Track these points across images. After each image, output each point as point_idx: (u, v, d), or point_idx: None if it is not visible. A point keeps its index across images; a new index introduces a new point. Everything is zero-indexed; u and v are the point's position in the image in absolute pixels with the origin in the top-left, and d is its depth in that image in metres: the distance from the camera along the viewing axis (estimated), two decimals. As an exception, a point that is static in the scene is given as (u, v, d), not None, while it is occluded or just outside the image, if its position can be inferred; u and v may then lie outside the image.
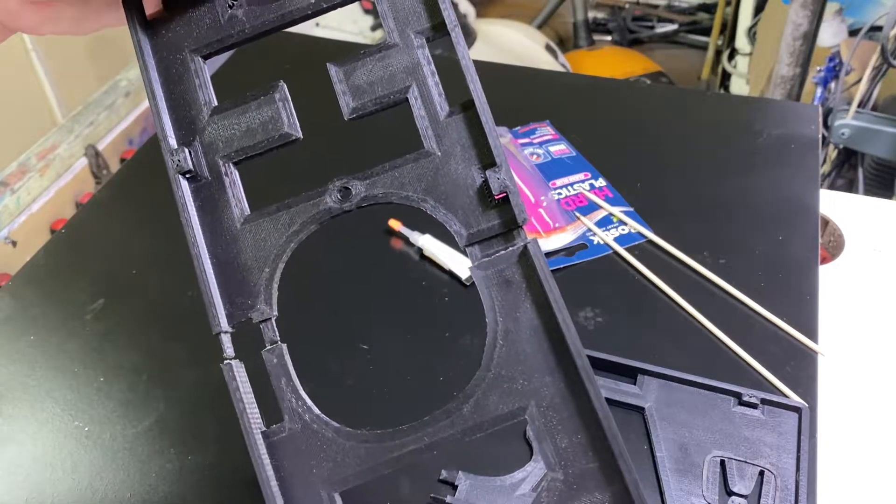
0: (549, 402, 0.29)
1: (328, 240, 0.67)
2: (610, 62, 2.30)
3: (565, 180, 0.72)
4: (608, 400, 0.52)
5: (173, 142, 0.32)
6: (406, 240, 0.66)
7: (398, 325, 0.59)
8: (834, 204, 0.79)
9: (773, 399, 0.51)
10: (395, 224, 0.66)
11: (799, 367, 0.55)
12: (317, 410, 0.30)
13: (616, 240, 0.66)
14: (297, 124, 0.32)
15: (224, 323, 0.31)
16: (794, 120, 0.80)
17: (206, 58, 0.33)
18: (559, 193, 0.71)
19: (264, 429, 0.30)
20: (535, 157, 0.75)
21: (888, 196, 1.31)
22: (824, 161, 1.40)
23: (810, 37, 1.41)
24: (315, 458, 0.30)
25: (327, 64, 0.33)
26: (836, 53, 1.43)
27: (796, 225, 0.67)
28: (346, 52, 0.33)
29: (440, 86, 0.32)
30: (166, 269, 0.65)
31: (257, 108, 0.32)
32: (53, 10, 0.33)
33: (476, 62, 0.97)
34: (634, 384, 0.53)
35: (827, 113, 1.32)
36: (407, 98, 0.32)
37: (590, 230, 0.67)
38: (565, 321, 0.29)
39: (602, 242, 0.66)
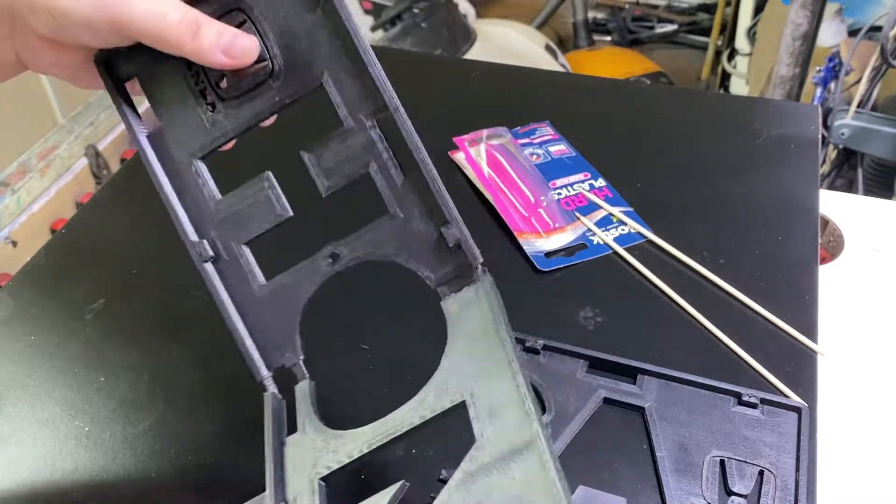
0: (486, 392, 0.35)
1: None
2: (610, 62, 2.30)
3: (565, 180, 0.73)
4: (608, 400, 0.53)
5: (194, 237, 0.39)
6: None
7: (398, 325, 0.59)
8: (834, 204, 0.79)
9: (772, 399, 0.51)
10: (395, 224, 0.66)
11: (798, 366, 0.55)
12: (316, 419, 0.38)
13: (616, 240, 0.66)
14: (287, 205, 0.39)
15: (264, 371, 0.40)
16: (794, 120, 0.80)
17: (203, 159, 0.39)
18: (559, 193, 0.71)
19: (283, 440, 0.38)
20: (534, 157, 0.75)
21: (888, 196, 1.31)
22: (824, 161, 1.40)
23: (810, 37, 1.41)
24: (310, 456, 0.37)
25: (300, 152, 0.39)
26: (835, 53, 1.43)
27: (796, 225, 0.67)
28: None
29: (394, 158, 0.37)
30: (167, 269, 0.65)
31: (254, 197, 0.39)
32: (64, 55, 0.38)
33: (476, 62, 0.96)
34: (634, 384, 0.53)
35: (826, 113, 1.32)
36: (368, 172, 0.38)
37: (589, 230, 0.67)
38: (505, 331, 0.36)
39: (602, 242, 0.66)
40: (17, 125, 1.55)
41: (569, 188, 0.72)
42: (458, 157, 0.75)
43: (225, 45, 0.36)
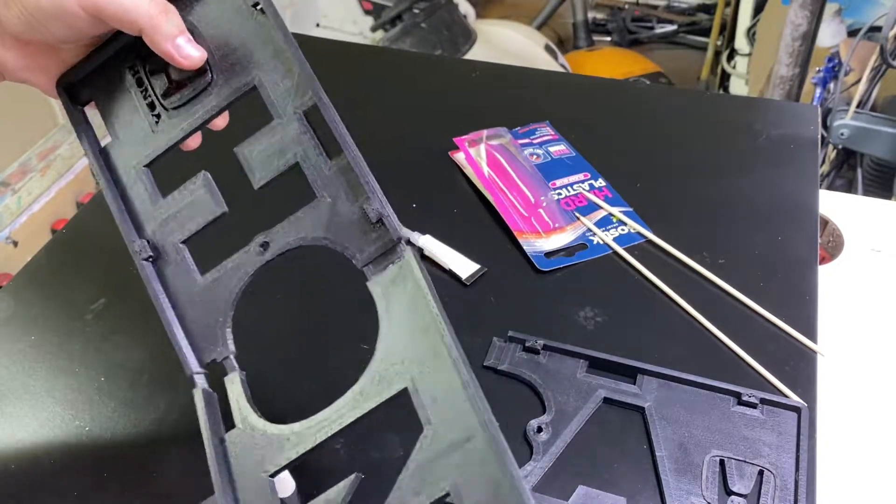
0: (423, 371, 0.35)
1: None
2: (609, 63, 2.30)
3: (565, 180, 0.73)
4: (608, 399, 0.53)
5: (134, 236, 0.42)
6: (406, 240, 0.66)
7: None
8: (833, 204, 0.79)
9: (772, 399, 0.51)
10: (395, 224, 0.66)
11: (798, 366, 0.55)
12: (255, 414, 0.38)
13: (615, 240, 0.66)
14: (222, 201, 0.41)
15: (195, 366, 0.40)
16: (794, 120, 0.80)
17: (148, 166, 0.42)
18: (559, 194, 0.71)
19: (222, 435, 0.39)
20: (534, 157, 0.75)
21: (887, 196, 1.31)
22: (823, 161, 1.40)
23: (809, 37, 1.41)
24: (256, 454, 0.38)
25: (234, 149, 0.40)
26: (835, 54, 1.43)
27: (796, 225, 0.67)
28: (345, 53, 0.38)
29: (321, 145, 0.39)
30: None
31: (190, 196, 0.41)
32: (37, 59, 0.41)
33: (476, 62, 0.96)
34: (634, 384, 0.54)
35: (826, 113, 1.32)
36: (298, 163, 0.39)
37: (589, 230, 0.67)
38: (435, 305, 0.36)
39: (602, 242, 0.66)
40: (17, 125, 1.55)
41: (569, 188, 0.72)
42: (458, 157, 0.75)
43: (182, 43, 0.39)
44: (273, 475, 0.37)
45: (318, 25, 2.30)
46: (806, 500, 0.46)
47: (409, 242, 0.38)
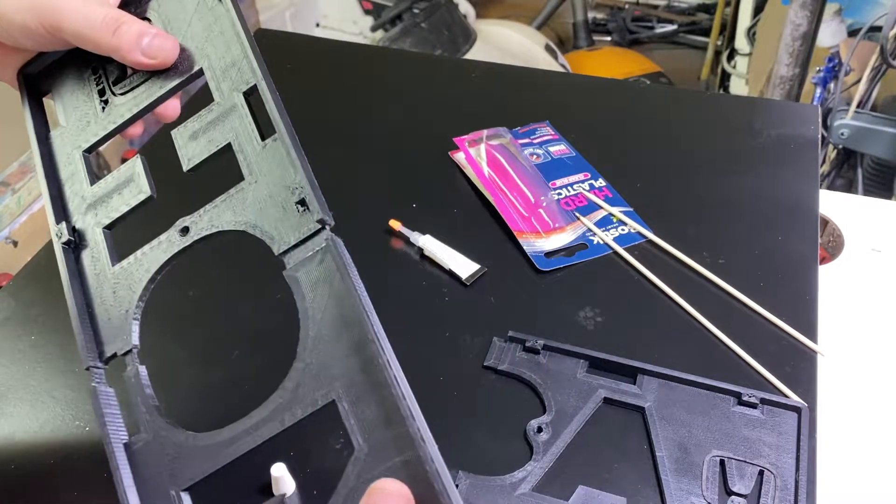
0: (351, 380, 0.32)
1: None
2: (609, 62, 2.30)
3: (565, 180, 0.73)
4: (608, 399, 0.53)
5: (57, 219, 0.40)
6: (406, 240, 0.66)
7: (398, 325, 0.59)
8: (833, 204, 0.79)
9: (772, 399, 0.51)
10: (395, 224, 0.66)
11: (798, 366, 0.55)
12: (163, 421, 0.35)
13: (616, 240, 0.66)
14: (147, 185, 0.40)
15: (93, 359, 0.38)
16: (794, 120, 0.80)
17: (89, 151, 0.42)
18: (559, 193, 0.71)
19: (126, 440, 0.36)
20: (534, 157, 0.75)
21: (887, 196, 1.31)
22: (823, 161, 1.40)
23: (809, 37, 1.41)
24: (165, 462, 0.35)
25: (171, 132, 0.39)
26: (835, 54, 1.43)
27: (796, 225, 0.67)
28: (345, 53, 0.37)
29: (254, 125, 0.38)
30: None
31: (123, 179, 0.40)
32: (6, 58, 0.43)
33: (476, 62, 0.96)
34: (634, 384, 0.54)
35: (826, 113, 1.32)
36: (230, 143, 0.38)
37: (589, 230, 0.67)
38: (361, 299, 0.32)
39: (602, 242, 0.66)
40: (17, 125, 1.55)
41: (569, 188, 0.72)
42: (458, 157, 0.75)
43: (145, 45, 0.39)
44: (186, 489, 0.34)
45: (318, 25, 2.30)
46: (806, 500, 0.46)
47: (332, 229, 0.35)
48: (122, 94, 0.42)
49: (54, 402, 0.56)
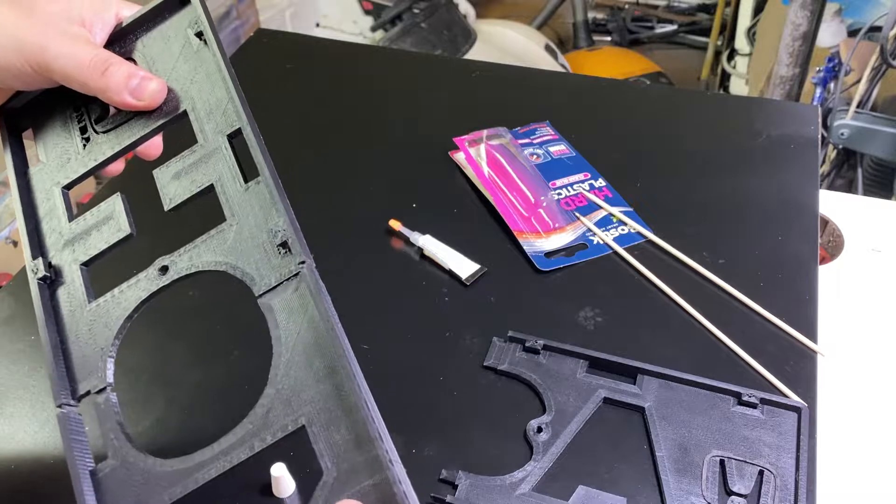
0: (322, 406, 0.32)
1: (328, 240, 0.67)
2: (609, 62, 2.30)
3: (565, 180, 0.73)
4: (608, 399, 0.53)
5: (33, 254, 0.40)
6: (406, 240, 0.66)
7: (398, 325, 0.60)
8: (833, 204, 0.79)
9: (772, 399, 0.51)
10: (395, 224, 0.66)
11: (798, 366, 0.55)
12: (132, 447, 0.35)
13: (616, 240, 0.66)
14: (127, 224, 0.40)
15: (66, 396, 0.37)
16: (794, 120, 0.80)
17: (68, 187, 0.42)
18: (559, 194, 0.71)
19: (92, 467, 0.35)
20: (534, 157, 0.75)
21: (887, 196, 1.31)
22: (823, 161, 1.40)
23: (809, 37, 1.41)
24: (132, 488, 0.34)
25: (153, 171, 0.40)
26: (835, 54, 1.43)
27: (796, 225, 0.67)
28: (345, 53, 0.37)
29: (237, 168, 0.38)
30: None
31: (102, 217, 0.40)
32: None
33: (476, 62, 0.96)
34: (634, 384, 0.54)
35: (826, 113, 1.32)
36: (213, 185, 0.38)
37: (589, 230, 0.67)
38: (334, 326, 0.33)
39: (602, 242, 0.66)
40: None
41: (569, 188, 0.72)
42: (458, 157, 0.75)
43: (132, 87, 0.40)
44: None
45: (318, 25, 2.30)
46: (806, 500, 0.46)
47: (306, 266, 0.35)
48: (104, 132, 0.42)
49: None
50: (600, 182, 0.72)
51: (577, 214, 0.69)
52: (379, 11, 2.11)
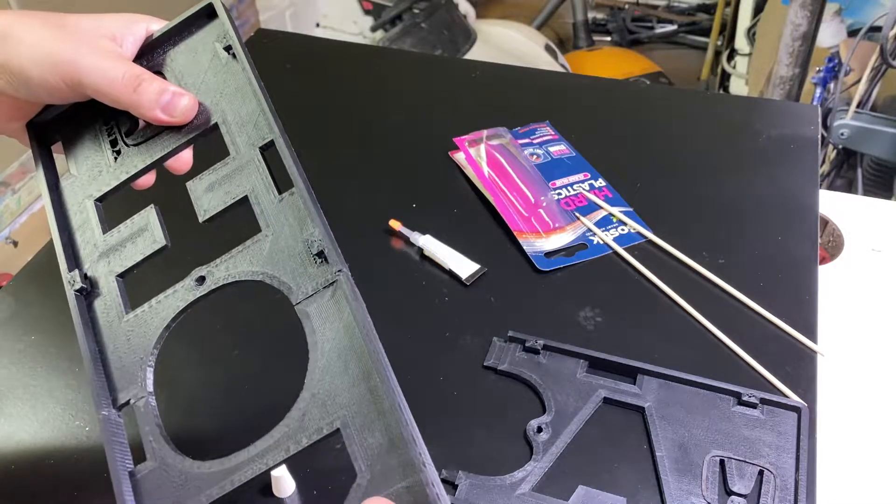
0: (357, 409, 0.33)
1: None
2: (609, 63, 2.30)
3: (565, 180, 0.73)
4: (608, 400, 0.53)
5: (69, 266, 0.41)
6: (406, 240, 0.66)
7: (398, 325, 0.60)
8: (833, 204, 0.79)
9: (772, 399, 0.51)
10: (395, 224, 0.66)
11: (798, 366, 0.55)
12: (170, 449, 0.36)
13: (616, 240, 0.66)
14: (162, 235, 0.40)
15: (107, 406, 0.38)
16: (794, 120, 0.80)
17: (101, 200, 0.42)
18: (559, 194, 0.71)
19: (132, 468, 0.36)
20: (534, 157, 0.75)
21: (887, 196, 1.31)
22: (823, 161, 1.40)
23: (809, 37, 1.41)
24: (170, 489, 0.35)
25: (186, 184, 0.40)
26: (835, 54, 1.43)
27: (796, 225, 0.67)
28: (345, 53, 0.37)
29: (270, 179, 0.39)
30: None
31: (137, 229, 0.41)
32: (23, 110, 0.43)
33: (476, 62, 0.96)
34: (634, 384, 0.54)
35: (826, 113, 1.32)
36: (247, 197, 0.39)
37: (589, 230, 0.67)
38: (369, 331, 0.33)
39: (602, 242, 0.66)
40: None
41: (569, 188, 0.72)
42: (458, 157, 0.75)
43: (164, 102, 0.40)
44: None
45: (318, 25, 2.30)
46: (806, 500, 0.46)
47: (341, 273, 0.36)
48: (134, 144, 0.42)
49: (54, 402, 0.56)
50: (600, 182, 0.72)
51: (577, 214, 0.69)
52: (379, 11, 2.11)
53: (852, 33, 1.46)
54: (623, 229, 0.67)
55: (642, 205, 0.69)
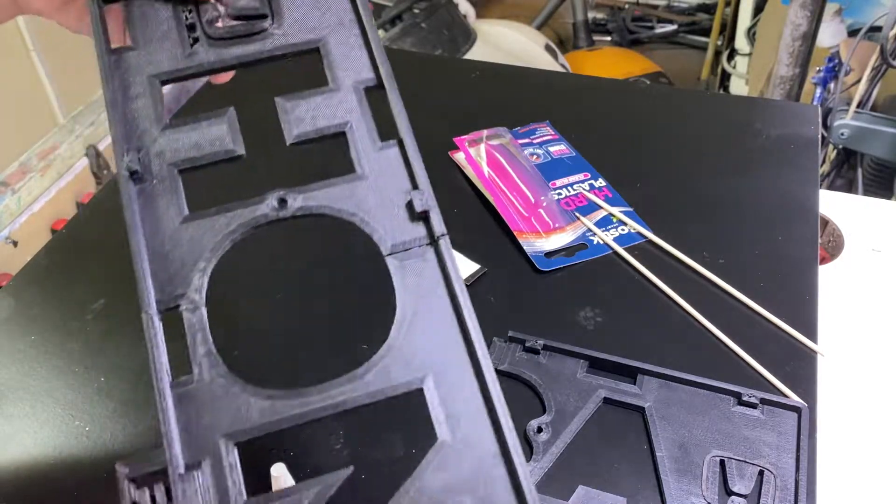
0: (446, 373, 0.33)
1: (328, 239, 0.67)
2: (609, 63, 2.30)
3: (565, 180, 0.73)
4: (608, 400, 0.53)
5: (125, 146, 0.36)
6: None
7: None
8: (833, 204, 0.79)
9: (772, 399, 0.51)
10: (395, 224, 0.66)
11: (798, 366, 0.55)
12: (224, 366, 0.33)
13: (616, 240, 0.66)
14: (242, 142, 0.36)
15: (152, 307, 0.33)
16: (794, 120, 0.80)
17: (164, 83, 0.38)
18: (559, 194, 0.71)
19: (171, 380, 0.32)
20: (534, 157, 0.75)
21: (887, 196, 1.31)
22: (823, 161, 1.40)
23: (809, 37, 1.41)
24: (218, 410, 0.32)
25: (275, 98, 0.37)
26: (835, 54, 1.43)
27: (796, 225, 0.67)
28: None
29: (372, 123, 0.37)
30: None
31: (207, 126, 0.37)
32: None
33: (476, 62, 0.96)
34: (634, 384, 0.54)
35: (826, 113, 1.32)
36: (345, 132, 0.37)
37: (589, 230, 0.67)
38: (466, 305, 0.33)
39: (602, 242, 0.66)
40: (17, 125, 1.55)
41: (569, 188, 0.72)
42: (458, 157, 0.75)
43: None
44: (237, 443, 0.31)
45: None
46: (806, 500, 0.46)
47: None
48: (219, 39, 0.38)
49: (54, 402, 0.56)
50: (600, 182, 0.72)
51: (577, 214, 0.69)
52: (379, 11, 2.11)
53: (852, 33, 1.46)
54: (623, 229, 0.67)
55: (642, 205, 0.69)
